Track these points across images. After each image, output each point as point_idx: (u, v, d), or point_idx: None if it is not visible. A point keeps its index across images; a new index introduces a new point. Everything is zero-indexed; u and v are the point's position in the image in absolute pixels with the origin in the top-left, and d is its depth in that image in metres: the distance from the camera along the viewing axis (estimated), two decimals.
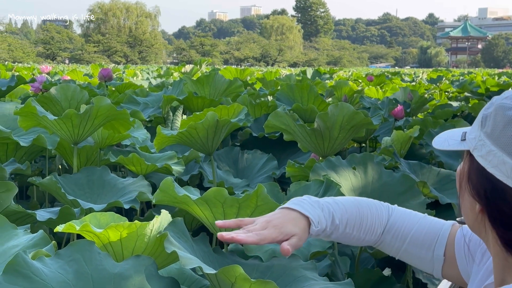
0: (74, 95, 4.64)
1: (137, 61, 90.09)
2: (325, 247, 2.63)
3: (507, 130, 1.13)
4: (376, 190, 3.24)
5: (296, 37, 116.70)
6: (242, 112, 3.91)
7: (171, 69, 15.24)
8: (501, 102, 1.16)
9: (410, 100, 7.31)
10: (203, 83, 5.87)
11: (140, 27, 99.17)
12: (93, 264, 1.85)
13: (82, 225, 2.01)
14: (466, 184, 1.23)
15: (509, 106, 1.15)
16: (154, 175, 4.32)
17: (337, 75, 16.60)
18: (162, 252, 2.08)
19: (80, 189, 3.59)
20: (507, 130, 1.13)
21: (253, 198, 2.21)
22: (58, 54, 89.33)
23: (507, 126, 1.13)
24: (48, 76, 10.21)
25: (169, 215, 2.17)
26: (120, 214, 4.11)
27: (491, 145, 1.15)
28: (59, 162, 4.73)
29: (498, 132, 1.14)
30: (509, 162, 1.11)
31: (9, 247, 2.05)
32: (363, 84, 12.06)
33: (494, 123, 1.16)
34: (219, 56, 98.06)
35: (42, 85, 5.79)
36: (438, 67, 76.66)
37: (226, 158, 4.74)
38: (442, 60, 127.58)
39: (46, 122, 3.56)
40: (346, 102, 5.33)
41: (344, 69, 39.64)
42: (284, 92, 6.06)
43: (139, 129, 4.47)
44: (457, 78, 16.61)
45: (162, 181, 2.24)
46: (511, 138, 1.12)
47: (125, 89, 7.20)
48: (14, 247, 2.04)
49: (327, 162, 3.25)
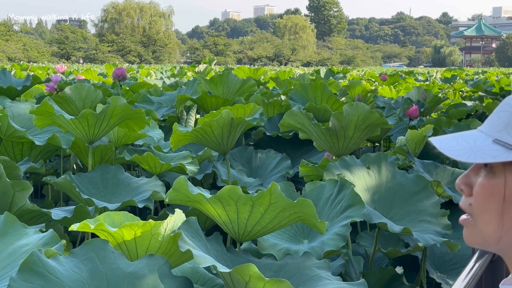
0: (88, 95, 4.66)
1: (151, 60, 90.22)
2: (339, 246, 2.62)
3: None
4: (390, 190, 3.24)
5: (310, 37, 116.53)
6: (258, 112, 3.92)
7: (185, 69, 15.27)
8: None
9: (424, 99, 7.29)
10: (217, 83, 5.88)
11: (154, 26, 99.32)
12: (107, 263, 1.86)
13: (97, 224, 2.02)
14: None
15: None
16: (168, 174, 4.33)
17: (350, 74, 16.57)
18: (176, 251, 2.09)
19: (95, 188, 3.61)
20: None
21: (267, 196, 2.21)
22: (73, 54, 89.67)
23: None
24: (63, 76, 10.27)
25: (183, 214, 2.18)
26: (134, 213, 4.14)
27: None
28: (74, 161, 4.75)
29: None
30: None
31: (20, 245, 2.06)
32: (376, 83, 12.03)
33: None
34: (233, 56, 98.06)
35: (57, 84, 5.82)
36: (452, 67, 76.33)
37: (240, 157, 4.75)
38: (456, 60, 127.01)
39: (62, 121, 3.58)
40: (360, 101, 5.33)
41: (358, 68, 39.57)
42: (298, 92, 6.06)
43: (154, 128, 4.49)
44: (471, 78, 16.54)
45: (176, 180, 2.25)
46: None
47: (139, 88, 7.23)
48: (25, 246, 2.05)
49: (341, 161, 3.25)
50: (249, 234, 2.38)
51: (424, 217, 3.12)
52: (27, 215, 2.81)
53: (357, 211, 2.70)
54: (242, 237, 2.39)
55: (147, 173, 4.36)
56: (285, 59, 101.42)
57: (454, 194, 3.59)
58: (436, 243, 2.89)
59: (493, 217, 1.14)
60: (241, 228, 2.35)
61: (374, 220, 2.84)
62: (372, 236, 3.44)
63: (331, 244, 2.63)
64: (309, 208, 2.26)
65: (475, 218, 1.17)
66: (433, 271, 3.41)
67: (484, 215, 1.15)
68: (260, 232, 2.38)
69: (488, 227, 1.15)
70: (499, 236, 1.15)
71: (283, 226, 2.41)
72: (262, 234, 2.41)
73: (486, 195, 1.14)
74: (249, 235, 2.38)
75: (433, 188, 3.48)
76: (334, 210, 2.83)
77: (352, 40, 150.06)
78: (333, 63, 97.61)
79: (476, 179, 1.17)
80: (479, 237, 1.18)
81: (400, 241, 3.55)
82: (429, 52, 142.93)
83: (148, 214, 4.30)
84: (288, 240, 2.87)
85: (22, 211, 2.77)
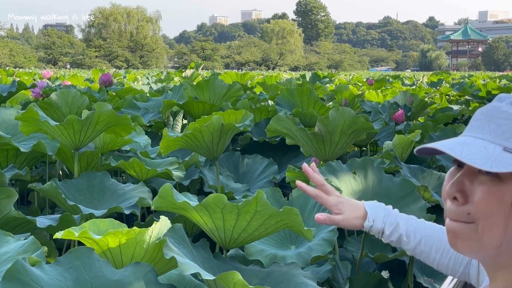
0: (74, 101, 4.64)
1: (138, 65, 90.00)
2: (326, 252, 2.62)
3: None
4: (376, 194, 3.24)
5: (297, 41, 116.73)
6: (249, 118, 3.92)
7: (172, 74, 15.25)
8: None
9: (410, 103, 7.31)
10: (203, 88, 5.88)
11: (141, 31, 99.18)
12: (93, 271, 1.85)
13: (81, 231, 2.01)
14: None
15: None
16: (155, 180, 4.32)
17: (338, 79, 16.60)
18: (162, 258, 2.08)
19: (81, 195, 3.59)
20: None
21: (253, 204, 2.21)
22: (60, 59, 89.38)
23: None
24: (49, 82, 10.22)
25: (168, 221, 2.17)
26: (121, 219, 4.11)
27: None
28: (60, 167, 4.73)
29: None
30: None
31: (0, 254, 2.04)
32: (363, 87, 12.06)
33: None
34: (220, 60, 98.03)
35: (43, 90, 5.79)
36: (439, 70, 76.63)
37: (227, 163, 4.74)
38: (442, 63, 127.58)
39: (47, 127, 3.56)
40: (347, 106, 5.33)
41: (344, 72, 39.62)
42: (284, 97, 6.06)
43: (140, 134, 4.47)
44: (457, 81, 16.60)
45: (161, 188, 2.24)
46: None
47: (126, 94, 7.20)
48: (5, 254, 2.03)
49: (327, 166, 3.25)
50: (235, 241, 2.37)
51: None
52: (12, 222, 2.78)
53: None
54: (228, 244, 2.39)
55: (133, 179, 4.34)
56: (273, 64, 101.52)
57: (441, 199, 3.59)
58: None
59: (498, 223, 1.14)
60: (227, 235, 2.34)
61: None
62: (359, 241, 3.44)
63: (318, 249, 2.63)
64: (295, 216, 2.26)
65: (478, 225, 1.16)
66: (420, 275, 3.41)
67: (488, 221, 1.15)
68: (247, 239, 2.38)
69: (492, 234, 1.15)
70: (500, 243, 1.15)
71: (269, 233, 2.40)
72: (249, 241, 2.41)
73: (493, 201, 1.14)
74: (235, 242, 2.37)
75: (420, 192, 3.49)
76: None
77: (340, 44, 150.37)
78: (321, 67, 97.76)
79: (473, 186, 1.17)
80: (477, 244, 1.18)
81: (387, 245, 3.55)
82: (416, 56, 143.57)
83: (135, 220, 4.28)
84: (275, 246, 2.87)
85: (7, 219, 2.75)
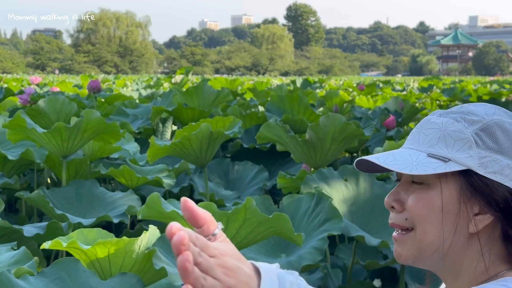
0: (62, 107, 4.61)
1: (128, 71, 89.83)
2: (316, 260, 2.59)
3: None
4: (367, 201, 3.22)
5: (287, 46, 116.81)
6: (237, 125, 3.90)
7: (162, 79, 15.21)
8: (494, 119, 1.23)
9: (401, 109, 7.30)
10: (192, 94, 5.87)
11: (131, 36, 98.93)
12: (79, 282, 1.82)
13: (69, 242, 1.98)
14: (463, 205, 1.23)
15: (503, 121, 1.23)
16: (144, 187, 4.29)
17: (328, 84, 16.61)
18: (151, 268, 2.05)
19: (69, 203, 3.56)
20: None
21: (242, 212, 2.19)
22: (48, 65, 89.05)
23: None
24: (37, 88, 10.17)
25: (157, 231, 2.15)
26: (110, 227, 4.08)
27: (505, 159, 1.21)
28: (48, 175, 4.69)
29: (507, 145, 1.21)
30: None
31: None
32: (354, 93, 12.07)
33: (497, 139, 1.22)
34: (210, 66, 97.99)
35: (30, 97, 5.75)
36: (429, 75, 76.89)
37: (217, 170, 4.71)
38: (433, 68, 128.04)
39: (35, 135, 3.53)
40: (337, 112, 5.32)
41: (335, 77, 39.70)
42: (275, 103, 6.05)
43: (129, 141, 4.44)
44: (448, 87, 16.64)
45: (149, 197, 2.21)
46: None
47: (115, 100, 7.17)
48: None
49: (318, 173, 3.23)
50: None
51: None
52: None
53: (334, 224, 2.68)
54: None
55: (122, 186, 4.31)
56: (263, 69, 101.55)
57: None
58: None
59: (432, 227, 1.24)
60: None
61: (351, 233, 2.82)
62: (351, 248, 3.42)
63: (308, 258, 2.61)
64: (285, 222, 2.24)
65: (415, 230, 1.26)
66: (411, 282, 3.39)
67: (423, 225, 1.25)
68: (236, 247, 2.35)
69: (427, 238, 1.24)
70: (437, 247, 1.24)
71: (259, 240, 2.38)
72: (238, 249, 2.37)
73: (423, 206, 1.25)
74: None
75: None
76: (312, 223, 2.80)
77: (330, 49, 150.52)
78: (311, 72, 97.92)
79: (407, 194, 1.27)
80: (415, 249, 1.27)
81: (378, 253, 3.53)
82: (406, 61, 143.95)
83: (124, 228, 4.24)
84: (266, 254, 2.84)
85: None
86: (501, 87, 17.65)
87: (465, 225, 1.23)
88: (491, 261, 1.24)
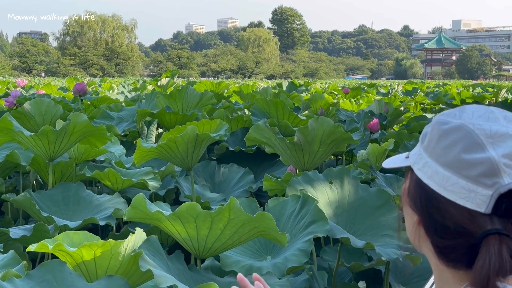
0: (48, 110, 4.60)
1: (114, 74, 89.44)
2: (302, 262, 2.61)
3: (440, 142, 1.22)
4: (352, 204, 3.24)
5: (273, 49, 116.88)
6: (223, 128, 3.91)
7: (148, 82, 15.19)
8: (438, 118, 1.27)
9: (386, 112, 7.35)
10: (176, 97, 5.87)
11: (117, 39, 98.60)
12: (65, 285, 1.83)
13: (55, 244, 1.99)
14: (406, 197, 1.31)
15: (443, 121, 1.24)
16: (130, 190, 4.29)
17: (313, 87, 16.64)
18: (137, 271, 2.06)
19: (55, 206, 3.56)
20: (440, 142, 1.22)
21: (226, 212, 2.21)
22: (34, 67, 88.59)
23: (440, 138, 1.22)
24: (23, 90, 10.13)
25: (143, 233, 2.16)
26: (96, 230, 4.08)
27: (427, 157, 1.24)
28: (34, 178, 4.68)
29: (433, 144, 1.23)
30: (441, 172, 1.20)
31: None
32: (339, 96, 12.11)
33: (430, 137, 1.25)
34: (196, 69, 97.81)
35: (16, 99, 5.74)
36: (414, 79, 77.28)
37: (203, 172, 4.72)
38: (417, 72, 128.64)
39: (22, 138, 3.52)
40: (323, 115, 5.34)
41: (320, 81, 39.77)
42: (260, 107, 6.06)
43: (115, 144, 4.44)
44: (432, 90, 16.74)
45: (134, 198, 2.23)
46: (443, 150, 1.20)
47: (101, 103, 7.16)
48: None
49: (304, 176, 3.25)
50: (209, 250, 2.36)
51: (387, 232, 3.13)
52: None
53: (320, 227, 2.70)
54: (202, 254, 2.38)
55: (108, 189, 4.31)
56: (249, 72, 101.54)
57: None
58: (398, 257, 2.90)
59: (406, 219, 1.32)
60: (201, 244, 2.33)
61: (337, 235, 2.84)
62: (336, 250, 3.44)
63: (294, 260, 2.63)
64: (269, 221, 2.26)
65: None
66: (396, 284, 3.41)
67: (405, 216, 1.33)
68: (221, 248, 2.37)
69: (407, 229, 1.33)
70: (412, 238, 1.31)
71: (243, 241, 2.39)
72: (223, 250, 2.40)
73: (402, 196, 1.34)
74: (209, 251, 2.37)
75: (396, 202, 3.50)
76: (297, 225, 2.82)
77: (315, 52, 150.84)
78: (297, 75, 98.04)
79: None
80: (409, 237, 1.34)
81: (363, 255, 3.55)
82: (391, 64, 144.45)
83: (110, 231, 4.25)
84: (251, 256, 2.86)
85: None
86: (485, 90, 17.75)
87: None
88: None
